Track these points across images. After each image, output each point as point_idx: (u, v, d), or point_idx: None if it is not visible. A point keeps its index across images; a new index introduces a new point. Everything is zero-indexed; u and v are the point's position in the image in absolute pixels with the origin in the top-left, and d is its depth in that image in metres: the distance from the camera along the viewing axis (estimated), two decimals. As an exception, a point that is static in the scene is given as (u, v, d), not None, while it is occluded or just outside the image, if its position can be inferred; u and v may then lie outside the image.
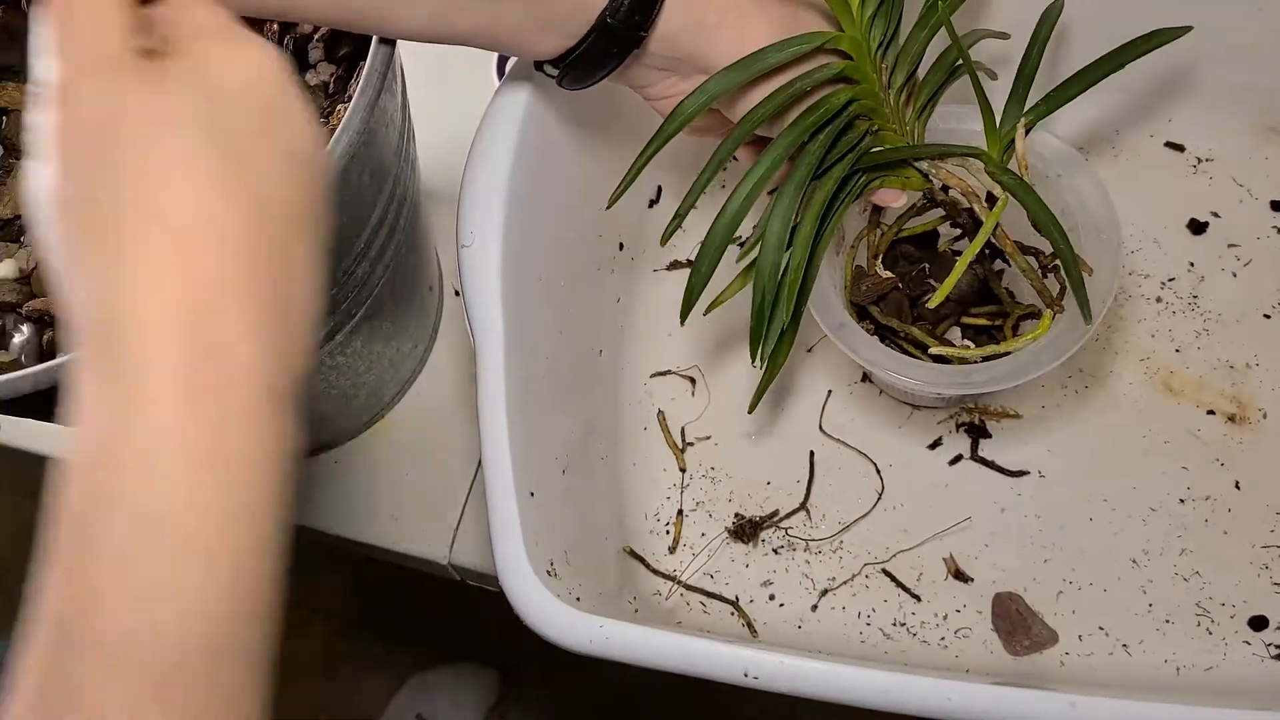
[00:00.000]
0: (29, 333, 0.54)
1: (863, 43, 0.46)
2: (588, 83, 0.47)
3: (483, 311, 0.48)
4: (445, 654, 1.25)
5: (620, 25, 0.43)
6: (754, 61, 0.45)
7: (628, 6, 0.43)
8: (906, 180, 0.51)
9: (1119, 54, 0.49)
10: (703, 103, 0.45)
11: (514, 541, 0.45)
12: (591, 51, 0.44)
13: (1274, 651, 0.54)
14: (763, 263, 0.47)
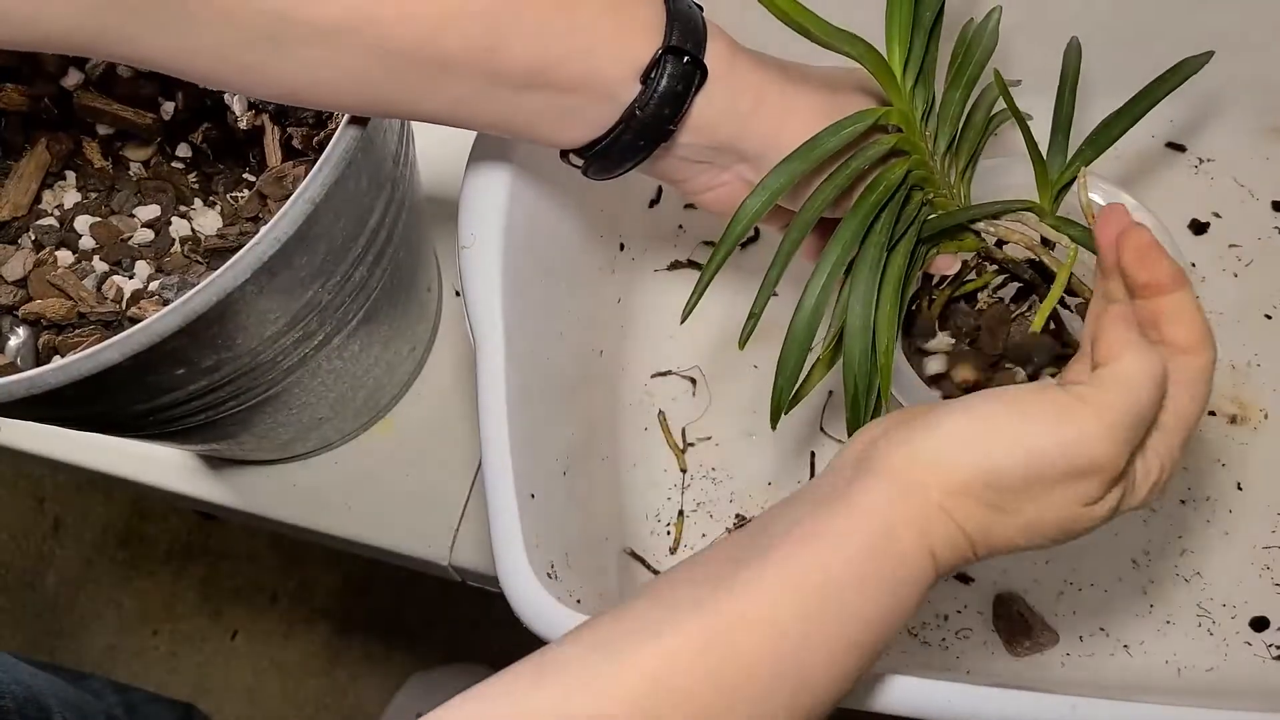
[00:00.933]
0: (25, 335, 0.54)
1: (910, 114, 0.45)
2: (615, 173, 0.45)
3: (483, 312, 0.48)
4: (445, 654, 1.25)
5: (650, 118, 0.42)
6: (812, 149, 0.43)
7: (658, 99, 0.41)
8: (961, 244, 0.50)
9: (1152, 90, 0.48)
10: (766, 200, 0.43)
11: (514, 543, 0.45)
12: (619, 143, 0.43)
13: (1275, 652, 0.54)
14: (850, 350, 0.46)
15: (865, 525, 0.35)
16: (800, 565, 0.35)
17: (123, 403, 0.47)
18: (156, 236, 0.58)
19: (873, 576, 0.35)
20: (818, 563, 0.35)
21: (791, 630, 0.34)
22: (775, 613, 0.34)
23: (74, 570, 1.41)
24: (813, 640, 0.34)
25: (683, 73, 0.41)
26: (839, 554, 0.35)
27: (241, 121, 0.58)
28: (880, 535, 0.35)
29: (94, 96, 0.58)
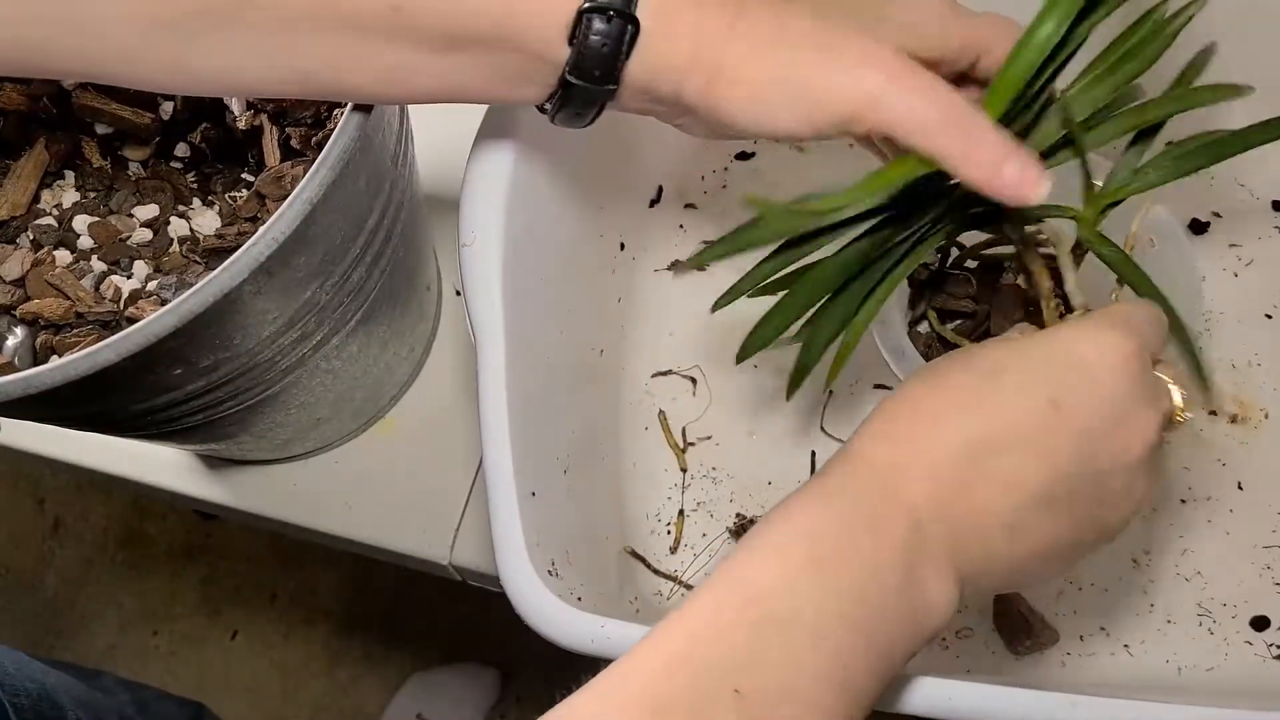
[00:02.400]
0: (23, 335, 0.54)
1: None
2: (579, 125, 0.44)
3: (484, 311, 0.48)
4: (445, 654, 1.25)
5: (584, 80, 0.40)
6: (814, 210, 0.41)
7: (587, 61, 0.39)
8: (993, 234, 0.50)
9: (1249, 135, 0.46)
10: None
11: (515, 541, 0.45)
12: (568, 103, 0.42)
13: (1275, 652, 0.54)
14: (818, 331, 0.47)
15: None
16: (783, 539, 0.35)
17: (121, 402, 0.47)
18: (155, 236, 0.58)
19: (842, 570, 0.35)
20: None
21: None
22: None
23: (74, 570, 1.41)
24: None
25: (609, 31, 0.39)
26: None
27: (240, 121, 0.58)
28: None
29: (93, 96, 0.58)
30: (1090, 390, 0.37)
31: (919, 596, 0.36)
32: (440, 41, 0.40)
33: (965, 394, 0.38)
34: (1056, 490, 0.37)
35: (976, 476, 0.37)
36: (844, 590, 0.34)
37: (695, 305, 0.65)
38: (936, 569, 0.36)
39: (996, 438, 0.37)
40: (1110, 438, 0.37)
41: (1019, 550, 0.38)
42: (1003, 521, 0.37)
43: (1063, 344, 0.38)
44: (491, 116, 0.51)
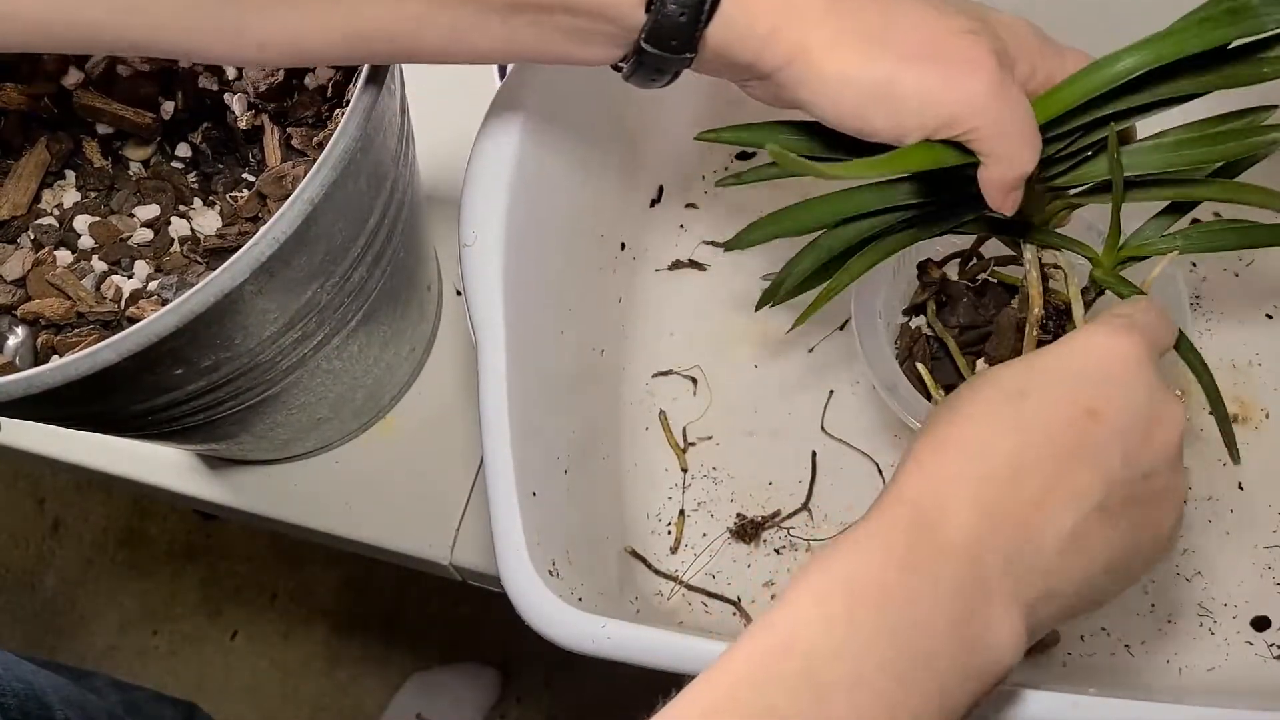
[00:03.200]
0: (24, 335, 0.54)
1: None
2: (654, 88, 0.43)
3: (484, 311, 0.48)
4: (445, 654, 1.25)
5: (659, 48, 0.39)
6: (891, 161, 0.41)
7: (664, 30, 0.39)
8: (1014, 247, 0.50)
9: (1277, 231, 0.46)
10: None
11: (516, 541, 0.45)
12: (640, 68, 0.41)
13: (1276, 652, 0.54)
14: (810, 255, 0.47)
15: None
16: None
17: (121, 402, 0.47)
18: (156, 236, 0.58)
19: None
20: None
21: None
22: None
23: (74, 570, 1.41)
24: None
25: (688, 1, 0.38)
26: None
27: (241, 121, 0.58)
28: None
29: (93, 96, 0.58)
30: (1120, 393, 0.37)
31: (977, 634, 0.34)
32: (506, 5, 0.39)
33: (996, 419, 0.37)
34: (1111, 498, 0.36)
35: (1026, 498, 0.35)
36: (882, 636, 0.33)
37: (695, 305, 0.65)
38: (998, 604, 0.35)
39: (1041, 456, 0.36)
40: (1148, 436, 0.37)
41: (1082, 568, 0.36)
42: (1061, 541, 0.36)
43: (1081, 353, 0.38)
44: (494, 116, 0.51)
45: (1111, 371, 0.37)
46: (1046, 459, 0.36)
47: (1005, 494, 0.35)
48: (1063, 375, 0.38)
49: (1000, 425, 0.37)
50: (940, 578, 0.34)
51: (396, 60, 0.44)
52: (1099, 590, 0.38)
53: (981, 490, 0.36)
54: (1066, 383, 0.37)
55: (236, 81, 0.59)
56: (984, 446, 0.36)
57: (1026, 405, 0.37)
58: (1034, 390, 0.37)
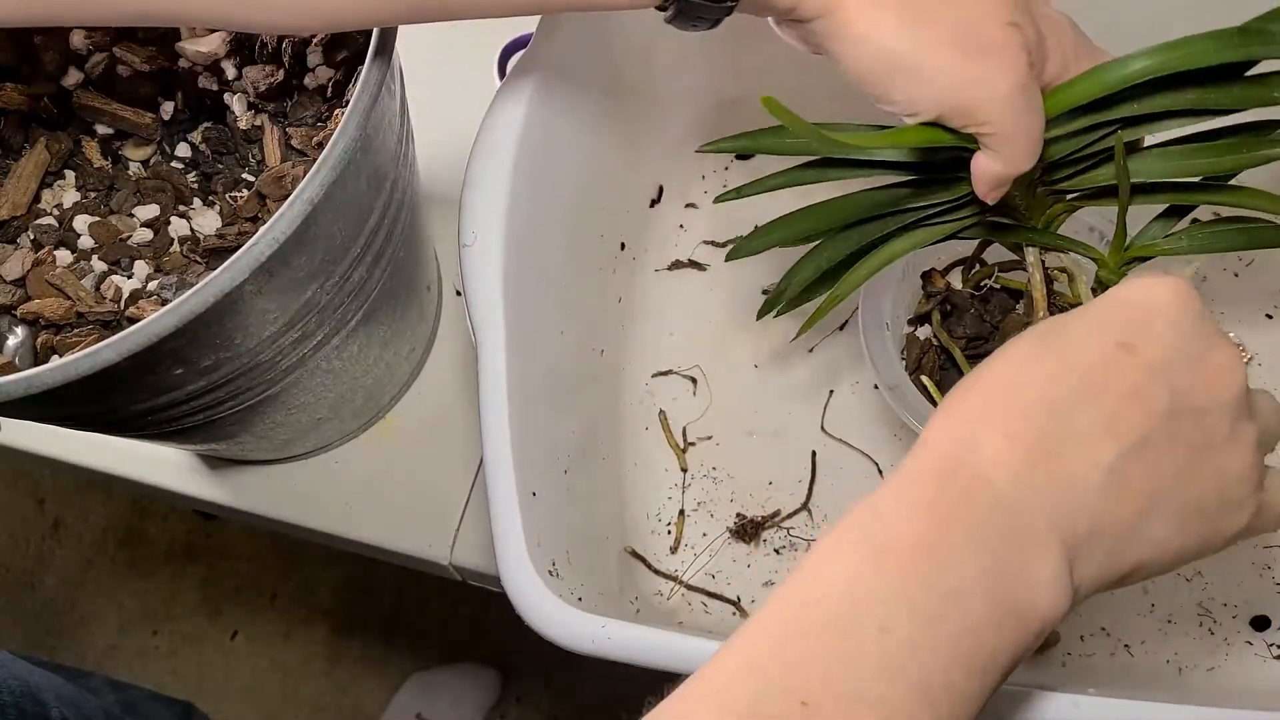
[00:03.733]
0: (23, 335, 0.54)
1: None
2: (701, 25, 0.42)
3: (484, 311, 0.48)
4: (445, 654, 1.25)
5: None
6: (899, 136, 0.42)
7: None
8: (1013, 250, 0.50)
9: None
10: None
11: (516, 541, 0.45)
12: (683, 12, 0.41)
13: (1276, 652, 0.54)
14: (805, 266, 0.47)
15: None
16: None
17: (121, 402, 0.47)
18: (155, 236, 0.58)
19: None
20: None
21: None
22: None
23: (74, 570, 1.41)
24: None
25: None
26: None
27: (241, 121, 0.58)
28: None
29: (93, 96, 0.58)
30: (1159, 327, 0.35)
31: (1014, 579, 0.32)
32: None
33: (1028, 356, 0.35)
34: (1154, 433, 0.34)
35: (1062, 432, 0.33)
36: (913, 582, 0.31)
37: (695, 305, 0.65)
38: (1035, 543, 0.33)
39: (1074, 389, 0.34)
40: (1194, 372, 0.35)
41: (1129, 508, 0.34)
42: (1104, 478, 0.33)
43: (1115, 296, 0.36)
44: (493, 116, 0.51)
45: (1155, 308, 0.35)
46: (1081, 391, 0.34)
47: (1038, 427, 0.34)
48: (1101, 314, 0.36)
49: (1032, 361, 0.35)
50: (970, 519, 0.32)
51: (442, 17, 0.42)
52: (1164, 538, 0.35)
53: (1012, 424, 0.34)
54: (1104, 320, 0.35)
55: (236, 81, 0.59)
56: (1015, 381, 0.35)
57: (1059, 341, 0.35)
58: (1068, 327, 0.35)
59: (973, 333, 0.54)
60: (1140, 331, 0.35)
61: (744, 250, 0.49)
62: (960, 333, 0.55)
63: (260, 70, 0.58)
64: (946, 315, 0.56)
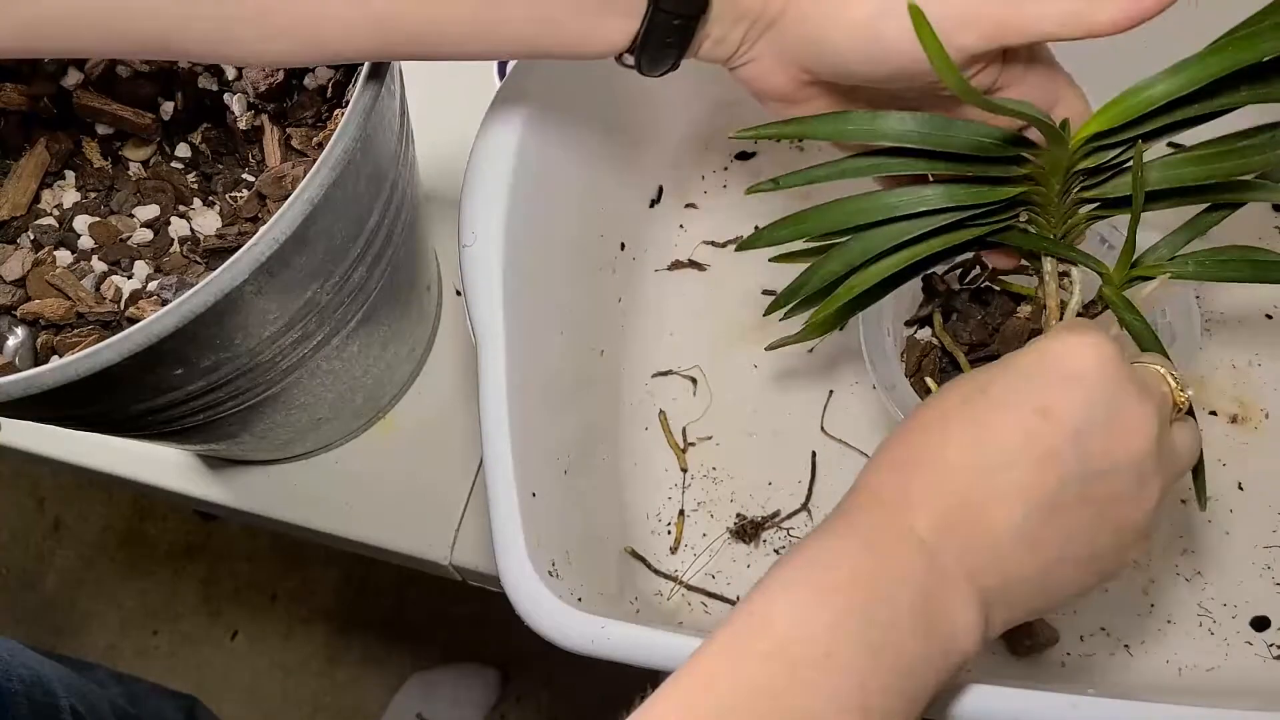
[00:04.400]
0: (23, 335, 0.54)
1: (1064, 165, 0.43)
2: (666, 64, 0.43)
3: (484, 311, 0.48)
4: (445, 654, 1.25)
5: (674, 3, 0.40)
6: (938, 127, 0.42)
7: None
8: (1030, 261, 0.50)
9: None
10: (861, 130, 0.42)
11: (515, 541, 0.45)
12: (656, 29, 0.41)
13: (1276, 652, 0.54)
14: (828, 264, 0.47)
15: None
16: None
17: (121, 403, 0.47)
18: (155, 236, 0.58)
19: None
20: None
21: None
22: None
23: (74, 570, 1.41)
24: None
25: None
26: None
27: (241, 122, 0.58)
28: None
29: (93, 96, 0.58)
30: (1075, 392, 0.37)
31: (938, 618, 0.35)
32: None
33: (957, 417, 0.38)
34: (1063, 496, 0.37)
35: (979, 492, 0.37)
36: (853, 613, 0.34)
37: (696, 305, 0.66)
38: (954, 591, 0.36)
39: (991, 451, 0.37)
40: (1106, 435, 0.37)
41: (1038, 561, 0.37)
42: (1014, 533, 0.37)
43: (1038, 355, 0.39)
44: (493, 116, 0.51)
45: (1074, 371, 0.37)
46: (998, 456, 0.37)
47: (958, 486, 0.37)
48: (1024, 374, 0.38)
49: (960, 420, 0.38)
50: (901, 561, 0.36)
51: (416, 56, 0.43)
52: (1064, 587, 0.39)
53: (936, 481, 0.37)
54: (1026, 381, 0.38)
55: (236, 82, 0.59)
56: (941, 440, 0.38)
57: (983, 403, 0.38)
58: (993, 387, 0.38)
59: (977, 340, 0.54)
60: (1057, 396, 0.37)
61: (764, 239, 0.48)
62: (964, 339, 0.55)
63: (260, 71, 0.58)
64: (947, 317, 0.56)
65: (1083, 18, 0.38)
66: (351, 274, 0.51)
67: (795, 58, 0.42)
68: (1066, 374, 0.37)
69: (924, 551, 0.36)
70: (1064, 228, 0.47)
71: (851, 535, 0.37)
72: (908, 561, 0.36)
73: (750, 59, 0.44)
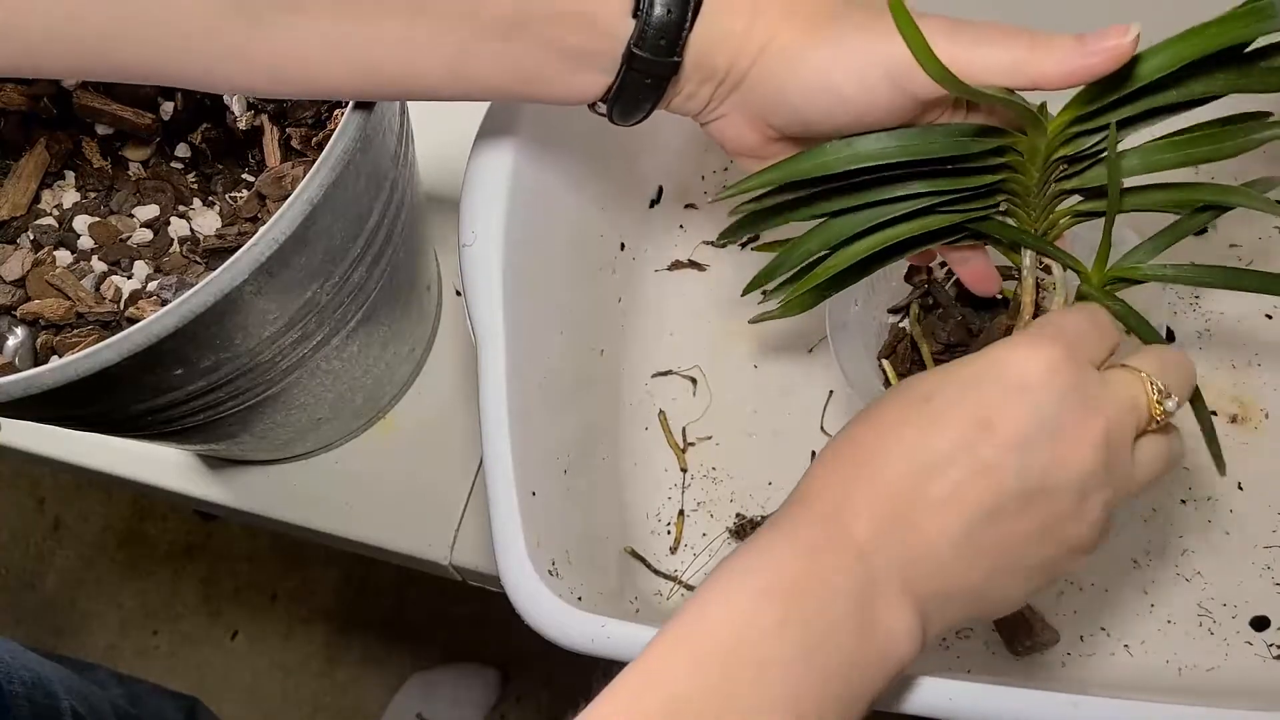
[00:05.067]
0: (23, 335, 0.54)
1: (1040, 152, 0.43)
2: (639, 115, 0.44)
3: (484, 311, 0.48)
4: (445, 654, 1.25)
5: (650, 52, 0.40)
6: (913, 138, 0.42)
7: (653, 31, 0.40)
8: (1008, 254, 0.49)
9: (1265, 279, 0.45)
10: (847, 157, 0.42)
11: (515, 541, 0.45)
12: (629, 85, 0.42)
13: (1275, 652, 0.54)
14: (806, 243, 0.47)
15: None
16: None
17: (121, 403, 0.47)
18: (155, 236, 0.58)
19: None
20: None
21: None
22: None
23: (74, 570, 1.41)
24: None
25: (674, 1, 0.40)
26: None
27: (240, 122, 0.58)
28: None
29: (93, 96, 0.58)
30: (1018, 404, 0.37)
31: (874, 625, 0.35)
32: (504, 22, 0.40)
33: (898, 424, 0.38)
34: (1003, 506, 0.36)
35: (917, 502, 0.36)
36: (788, 618, 0.34)
37: (696, 305, 0.66)
38: (889, 598, 0.36)
39: (931, 461, 0.37)
40: (1049, 450, 0.37)
41: (977, 571, 0.37)
42: (952, 543, 0.36)
43: (987, 363, 0.38)
44: (492, 116, 0.51)
45: (1021, 382, 0.37)
46: (937, 465, 0.36)
47: (897, 495, 0.36)
48: (970, 383, 0.38)
49: (900, 429, 0.38)
50: (838, 569, 0.36)
51: (402, 97, 0.44)
52: (1002, 595, 0.39)
53: (875, 490, 0.37)
54: (971, 391, 0.37)
55: (236, 82, 0.59)
56: (882, 448, 0.38)
57: (927, 409, 0.38)
58: (938, 396, 0.38)
59: (956, 340, 0.54)
60: (1001, 408, 0.37)
61: (737, 188, 0.46)
62: (943, 337, 0.55)
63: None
64: (928, 310, 0.56)
65: (1029, 66, 0.39)
66: (351, 274, 0.51)
67: (761, 114, 0.43)
68: (1012, 384, 0.37)
69: (861, 559, 0.36)
70: (1045, 223, 0.47)
71: (791, 541, 0.37)
72: (845, 569, 0.36)
73: (719, 115, 0.45)
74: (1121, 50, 0.38)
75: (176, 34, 0.39)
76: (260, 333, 0.47)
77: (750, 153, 0.46)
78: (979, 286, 0.51)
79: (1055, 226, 0.48)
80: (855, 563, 0.36)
